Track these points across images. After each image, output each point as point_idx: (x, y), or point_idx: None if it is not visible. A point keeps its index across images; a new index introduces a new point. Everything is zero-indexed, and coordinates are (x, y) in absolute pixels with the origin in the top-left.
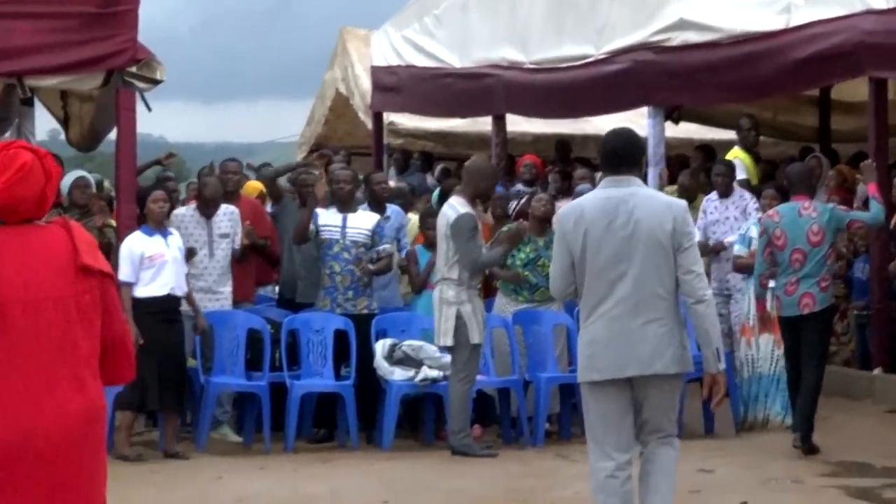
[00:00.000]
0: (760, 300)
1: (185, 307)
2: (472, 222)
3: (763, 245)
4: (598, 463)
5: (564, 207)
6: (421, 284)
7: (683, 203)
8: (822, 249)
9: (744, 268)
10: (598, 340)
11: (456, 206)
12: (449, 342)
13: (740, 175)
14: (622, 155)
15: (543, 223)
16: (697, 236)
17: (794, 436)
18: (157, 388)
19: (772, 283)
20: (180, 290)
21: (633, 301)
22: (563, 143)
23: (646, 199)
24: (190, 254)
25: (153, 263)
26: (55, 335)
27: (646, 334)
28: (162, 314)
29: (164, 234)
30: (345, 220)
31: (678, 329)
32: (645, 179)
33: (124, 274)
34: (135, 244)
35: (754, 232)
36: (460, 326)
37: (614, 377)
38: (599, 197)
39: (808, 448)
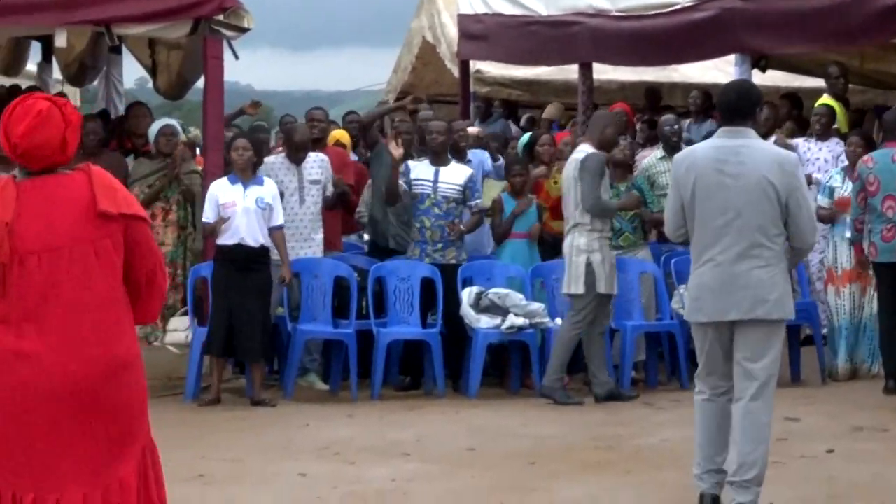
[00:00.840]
0: (857, 244)
1: (276, 256)
2: (601, 163)
3: (857, 190)
4: (699, 388)
5: (680, 153)
6: (503, 234)
7: (795, 157)
8: None
9: (825, 219)
10: (705, 285)
11: (585, 151)
12: (580, 290)
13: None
14: (734, 107)
15: (624, 169)
16: None
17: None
18: (239, 336)
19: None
20: (253, 241)
21: (738, 248)
22: (652, 92)
23: (756, 150)
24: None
25: (226, 211)
26: (73, 281)
27: (749, 281)
28: (235, 263)
29: (248, 183)
30: (437, 174)
31: (781, 276)
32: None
33: (204, 215)
34: (216, 189)
35: (837, 182)
36: (588, 275)
37: (717, 320)
38: (712, 146)
39: None
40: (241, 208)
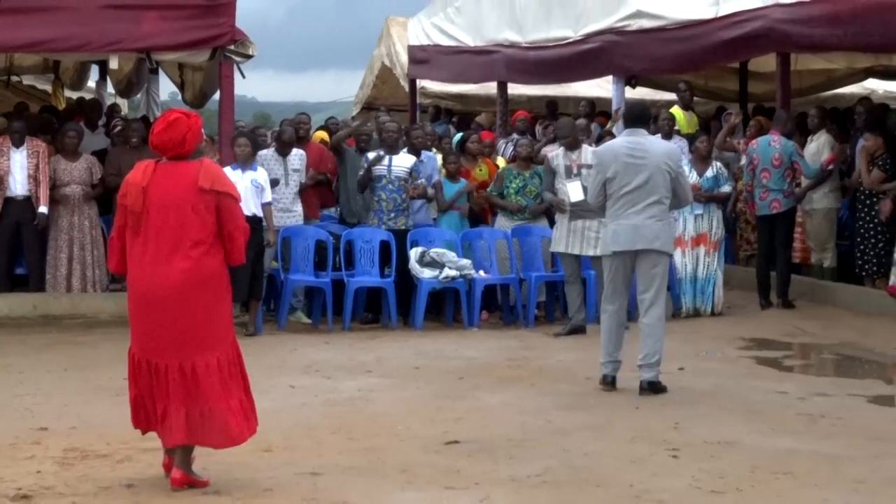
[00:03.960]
0: (751, 202)
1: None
2: (546, 165)
3: (747, 163)
4: (604, 305)
5: (602, 146)
6: (446, 207)
7: (679, 146)
8: (781, 170)
9: None
10: (621, 228)
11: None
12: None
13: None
14: (635, 117)
15: (527, 161)
16: None
17: (778, 300)
18: (234, 284)
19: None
20: (247, 212)
21: (642, 205)
22: (552, 103)
23: (654, 143)
24: (273, 183)
25: None
26: (174, 226)
27: (649, 225)
28: None
29: (245, 169)
30: (391, 160)
31: (667, 227)
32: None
33: None
34: None
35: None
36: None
37: (627, 249)
38: (624, 140)
39: (788, 303)
40: (240, 187)
